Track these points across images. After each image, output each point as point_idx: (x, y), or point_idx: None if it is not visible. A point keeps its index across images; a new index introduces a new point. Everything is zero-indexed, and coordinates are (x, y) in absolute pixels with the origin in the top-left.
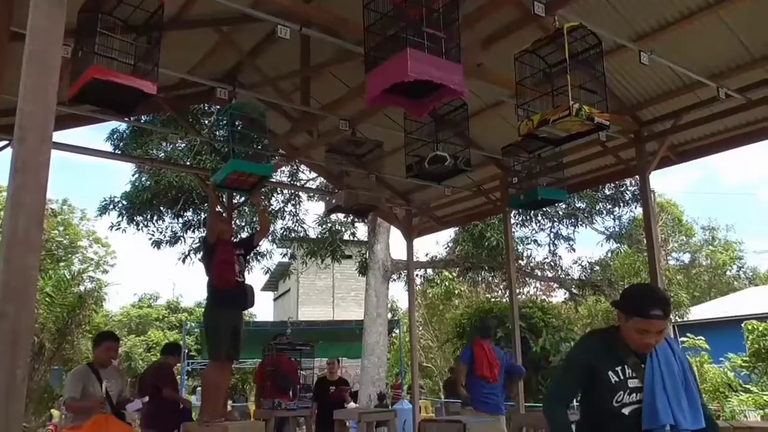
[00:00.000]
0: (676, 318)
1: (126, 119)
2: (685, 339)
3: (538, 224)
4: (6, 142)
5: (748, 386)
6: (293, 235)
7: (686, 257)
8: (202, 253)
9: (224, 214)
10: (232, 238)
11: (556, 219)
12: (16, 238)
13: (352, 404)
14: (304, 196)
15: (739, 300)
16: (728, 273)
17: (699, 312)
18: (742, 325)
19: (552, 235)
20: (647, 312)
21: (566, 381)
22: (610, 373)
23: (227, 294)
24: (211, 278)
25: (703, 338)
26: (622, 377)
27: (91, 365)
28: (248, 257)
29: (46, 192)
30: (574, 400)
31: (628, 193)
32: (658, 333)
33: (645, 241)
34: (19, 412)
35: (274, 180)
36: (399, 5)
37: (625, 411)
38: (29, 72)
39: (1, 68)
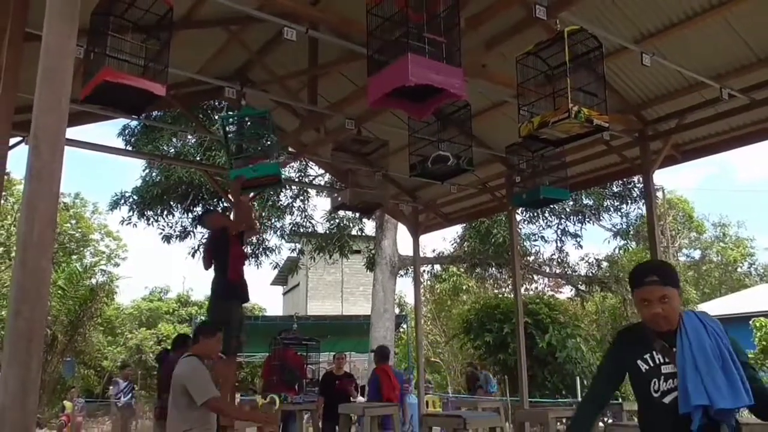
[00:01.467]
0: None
1: (136, 119)
2: None
3: (545, 221)
4: (19, 139)
5: None
6: (302, 230)
7: (697, 254)
8: (216, 245)
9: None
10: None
11: (563, 216)
12: (30, 242)
13: (360, 399)
14: (312, 192)
15: (749, 297)
16: (739, 270)
17: (708, 309)
18: (751, 322)
19: (559, 231)
20: (641, 280)
21: (596, 378)
22: (639, 362)
23: (239, 287)
24: (226, 271)
25: None
26: (652, 364)
27: (199, 358)
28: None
29: (58, 198)
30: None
31: (635, 190)
32: (662, 301)
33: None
34: (34, 404)
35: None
36: (402, 10)
37: (666, 400)
38: (43, 87)
39: (17, 70)
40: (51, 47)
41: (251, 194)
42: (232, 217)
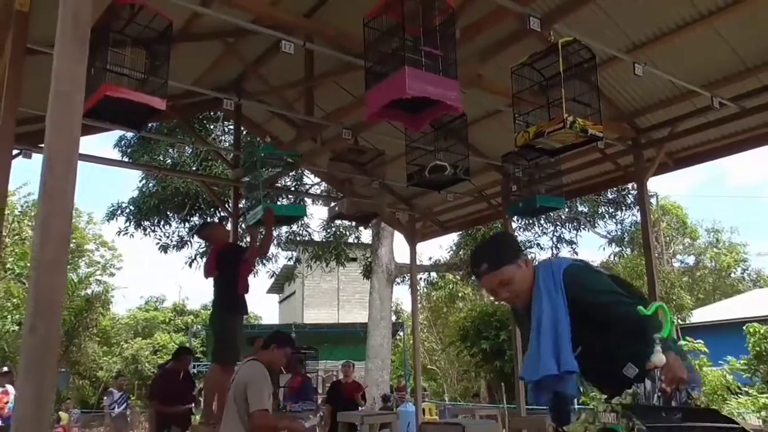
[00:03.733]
0: (678, 320)
1: (136, 132)
2: (683, 342)
3: (540, 228)
4: (18, 151)
5: (746, 389)
6: (298, 238)
7: (691, 260)
8: (226, 260)
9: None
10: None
11: (558, 223)
12: (44, 260)
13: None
14: (308, 200)
15: (742, 302)
16: (733, 275)
17: (702, 314)
18: (744, 327)
19: (555, 238)
20: (476, 272)
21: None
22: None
23: (244, 301)
24: (236, 286)
25: (702, 341)
26: None
27: (265, 366)
28: None
29: (71, 217)
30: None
31: (630, 196)
32: (501, 285)
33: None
34: (48, 417)
35: (279, 185)
36: (398, 23)
37: None
38: (55, 110)
39: (19, 85)
40: (62, 72)
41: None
42: (259, 243)
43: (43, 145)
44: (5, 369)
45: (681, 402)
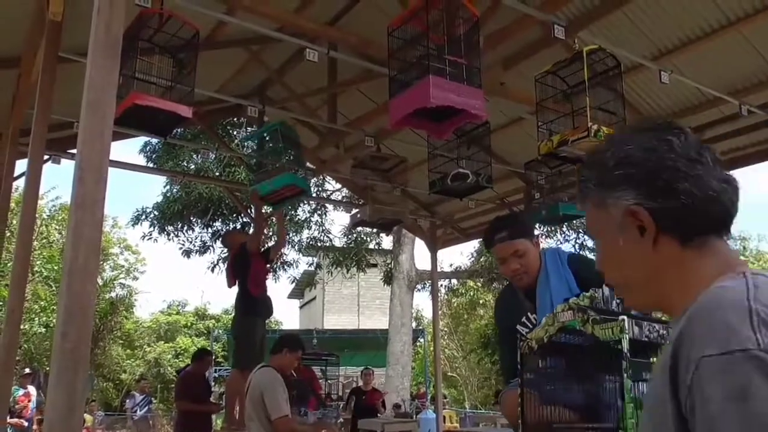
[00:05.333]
0: None
1: (163, 139)
2: None
3: (563, 235)
4: (47, 156)
5: None
6: (319, 244)
7: None
8: (237, 261)
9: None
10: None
11: (581, 230)
12: (76, 268)
13: (386, 413)
14: (330, 206)
15: None
16: None
17: None
18: None
19: (577, 246)
20: (491, 239)
21: (505, 353)
22: (519, 327)
23: (261, 302)
24: (247, 286)
25: None
26: (530, 326)
27: (278, 371)
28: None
29: (102, 226)
30: None
31: None
32: (515, 256)
33: None
34: (79, 422)
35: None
36: (423, 31)
37: None
38: (87, 119)
39: (51, 94)
40: (95, 82)
41: (282, 209)
42: (251, 232)
43: (72, 151)
44: (27, 371)
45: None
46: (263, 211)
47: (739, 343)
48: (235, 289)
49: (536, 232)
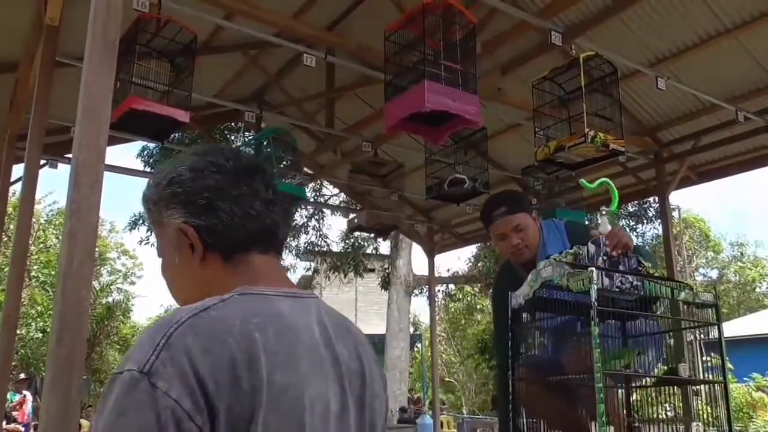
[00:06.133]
0: (702, 335)
1: (160, 144)
2: (707, 358)
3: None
4: (44, 161)
5: None
6: (316, 249)
7: (714, 273)
8: None
9: None
10: None
11: None
12: (71, 272)
13: None
14: (327, 211)
15: (767, 317)
16: (758, 290)
17: (726, 329)
18: None
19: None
20: (490, 215)
21: (500, 331)
22: None
23: None
24: None
25: (726, 357)
26: None
27: None
28: None
29: (96, 230)
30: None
31: (651, 210)
32: (516, 231)
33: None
34: (74, 428)
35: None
36: (419, 36)
37: None
38: (82, 124)
39: (47, 98)
40: (91, 86)
41: None
42: None
43: (68, 155)
44: (23, 376)
45: (631, 268)
46: None
47: (130, 364)
48: None
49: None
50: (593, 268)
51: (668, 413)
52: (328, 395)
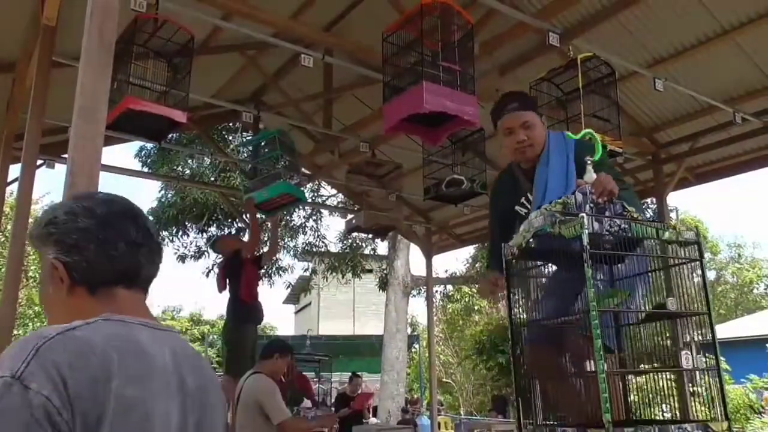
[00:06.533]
0: (699, 337)
1: (157, 144)
2: (704, 359)
3: None
4: (41, 161)
5: None
6: (314, 250)
7: (712, 274)
8: (230, 268)
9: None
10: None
11: None
12: None
13: (372, 419)
14: (325, 211)
15: (765, 318)
16: (755, 291)
17: (724, 331)
18: (767, 345)
19: None
20: (501, 109)
21: (493, 224)
22: (517, 207)
23: (253, 309)
24: (239, 292)
25: (723, 358)
26: (529, 206)
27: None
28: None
29: None
30: None
31: (649, 210)
32: (523, 127)
33: None
34: None
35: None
36: (417, 38)
37: None
38: (79, 125)
39: (44, 98)
40: (87, 86)
41: (277, 215)
42: (246, 239)
43: (65, 156)
44: None
45: (616, 213)
46: (258, 217)
47: (1, 372)
48: (226, 293)
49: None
50: (584, 214)
51: (665, 414)
52: (172, 413)
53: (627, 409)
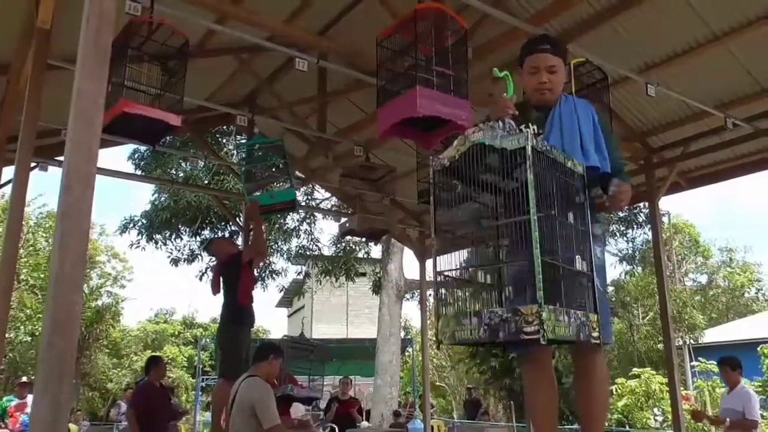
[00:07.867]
0: (691, 340)
1: (151, 147)
2: (696, 363)
3: None
4: (34, 164)
5: (762, 412)
6: (308, 253)
7: (703, 278)
8: (228, 272)
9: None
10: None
11: None
12: (62, 278)
13: (364, 423)
14: (318, 215)
15: (756, 323)
16: (746, 295)
17: (715, 334)
18: (759, 348)
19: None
20: (533, 47)
21: None
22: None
23: (249, 312)
24: (237, 295)
25: (714, 362)
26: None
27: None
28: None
29: (88, 236)
30: None
31: (641, 215)
32: (550, 71)
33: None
34: (64, 431)
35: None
36: (411, 42)
37: None
38: (75, 128)
39: (39, 101)
40: (83, 90)
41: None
42: (250, 241)
43: (60, 158)
44: (24, 379)
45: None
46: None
47: None
48: (220, 296)
49: None
50: (529, 128)
51: (657, 418)
52: None
53: None
